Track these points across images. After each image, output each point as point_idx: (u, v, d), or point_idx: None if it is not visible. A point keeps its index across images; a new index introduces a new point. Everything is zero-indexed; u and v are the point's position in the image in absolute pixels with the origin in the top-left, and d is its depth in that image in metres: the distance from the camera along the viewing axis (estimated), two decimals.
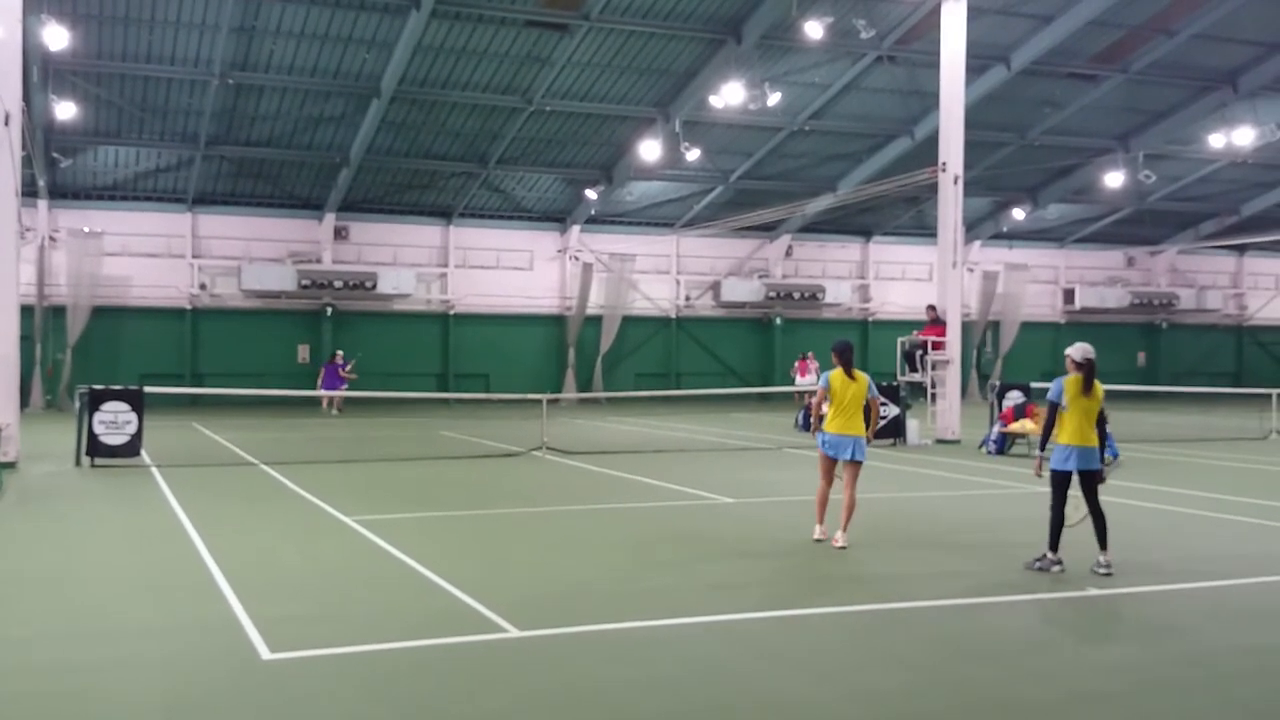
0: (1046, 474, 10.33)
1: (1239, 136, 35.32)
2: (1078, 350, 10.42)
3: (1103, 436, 10.37)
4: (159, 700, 6.50)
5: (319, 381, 33.51)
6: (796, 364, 35.20)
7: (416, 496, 15.16)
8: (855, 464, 11.42)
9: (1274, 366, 48.69)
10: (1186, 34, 31.80)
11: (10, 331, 18.41)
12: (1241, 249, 48.51)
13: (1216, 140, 35.88)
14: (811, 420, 12.04)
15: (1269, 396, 25.91)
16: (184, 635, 7.84)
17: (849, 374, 11.52)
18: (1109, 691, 6.77)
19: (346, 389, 32.30)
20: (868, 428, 11.68)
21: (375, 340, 36.33)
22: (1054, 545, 10.10)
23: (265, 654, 7.26)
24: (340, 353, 33.96)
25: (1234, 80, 34.63)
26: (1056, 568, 9.99)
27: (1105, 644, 7.71)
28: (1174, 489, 15.69)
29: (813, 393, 28.50)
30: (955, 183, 23.61)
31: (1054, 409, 10.36)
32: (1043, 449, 10.46)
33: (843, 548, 11.05)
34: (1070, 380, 10.34)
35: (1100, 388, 10.36)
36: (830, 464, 11.57)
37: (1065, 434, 10.23)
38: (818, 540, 11.40)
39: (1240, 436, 24.90)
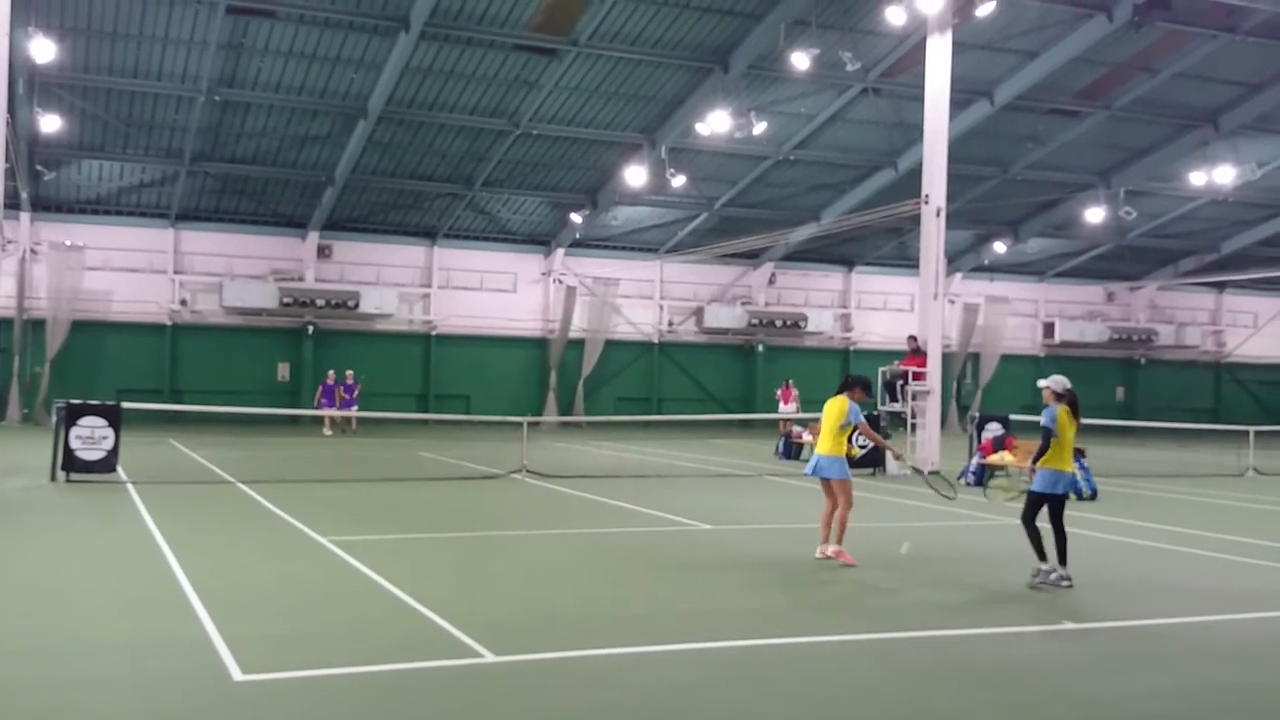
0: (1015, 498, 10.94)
1: (1219, 175, 35.70)
2: (1058, 382, 11.02)
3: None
4: (129, 719, 6.43)
5: (323, 401, 32.94)
6: (780, 391, 35.23)
7: (394, 518, 15.08)
8: (826, 482, 12.04)
9: (1252, 403, 49.04)
10: (1168, 73, 32.17)
11: None
12: (1220, 286, 48.95)
13: (1197, 178, 36.26)
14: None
15: (1246, 433, 26.06)
16: (156, 654, 7.75)
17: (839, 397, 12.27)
18: None
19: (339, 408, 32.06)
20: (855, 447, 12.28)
21: (356, 360, 36.17)
22: (1054, 558, 10.67)
23: (237, 675, 7.19)
24: (350, 372, 33.56)
25: (1215, 119, 35.01)
26: (1065, 583, 10.55)
27: (1079, 678, 7.70)
28: (1151, 524, 15.74)
29: (794, 421, 28.64)
30: (938, 215, 23.71)
31: (1049, 436, 10.80)
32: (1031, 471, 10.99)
33: (820, 557, 11.82)
34: (1062, 410, 10.86)
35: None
36: (824, 483, 12.14)
37: (1058, 460, 10.76)
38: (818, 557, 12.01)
39: (1218, 473, 25.01)
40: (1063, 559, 10.66)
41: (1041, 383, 11.31)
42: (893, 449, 13.81)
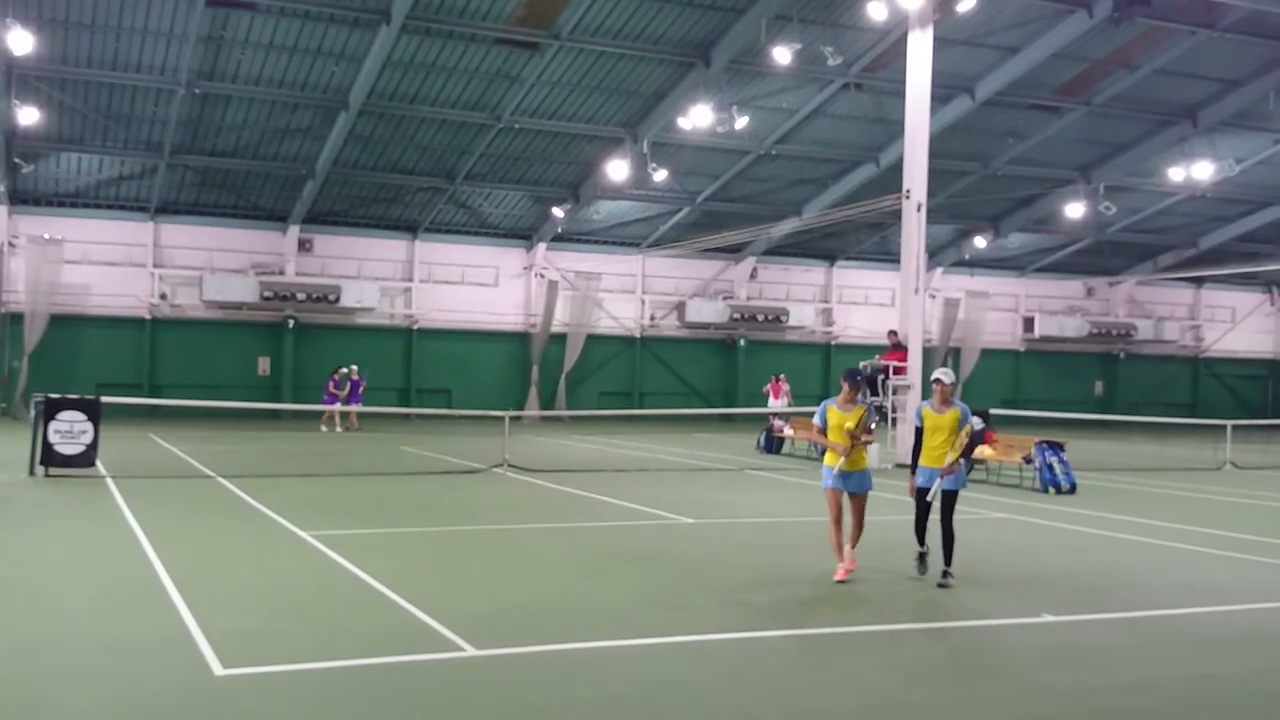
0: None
1: (1198, 170, 35.89)
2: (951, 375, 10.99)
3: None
4: (109, 714, 6.42)
5: (330, 395, 31.65)
6: (769, 385, 35.17)
7: (375, 512, 15.06)
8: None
9: (1229, 398, 49.38)
10: (1148, 69, 32.33)
11: None
12: (1199, 281, 49.24)
13: (1176, 174, 36.45)
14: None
15: (1224, 428, 26.25)
16: (136, 649, 7.75)
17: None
18: (1060, 717, 6.82)
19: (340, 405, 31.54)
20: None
21: (337, 354, 36.01)
22: (920, 553, 10.92)
23: (218, 669, 7.19)
24: (355, 367, 32.96)
25: (1194, 115, 35.20)
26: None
27: (1057, 670, 7.76)
28: (1129, 518, 15.84)
29: (778, 415, 28.62)
30: (919, 210, 23.80)
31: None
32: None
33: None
34: None
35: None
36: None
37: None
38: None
39: (1195, 467, 25.19)
40: (949, 557, 10.54)
41: (948, 376, 10.70)
42: (834, 448, 10.71)
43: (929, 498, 10.61)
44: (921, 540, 10.83)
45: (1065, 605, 9.72)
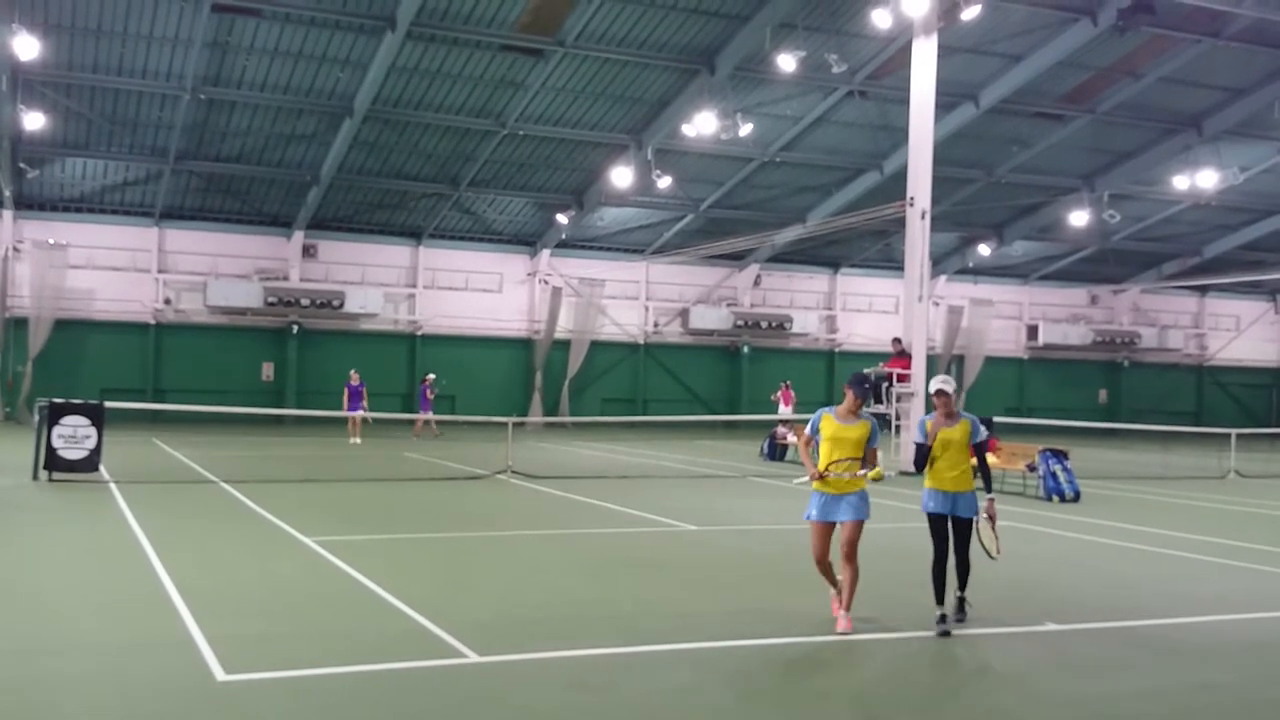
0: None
1: (1202, 179, 35.89)
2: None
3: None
4: (110, 719, 6.41)
5: (426, 401, 31.83)
6: (779, 393, 35.12)
7: (378, 518, 15.05)
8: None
9: (1234, 406, 49.31)
10: (1153, 77, 32.34)
11: None
12: (1203, 290, 49.21)
13: (1180, 182, 36.46)
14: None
15: (1228, 436, 26.19)
16: (138, 654, 7.73)
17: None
18: None
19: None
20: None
21: (341, 359, 36.04)
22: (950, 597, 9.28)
23: (220, 675, 7.17)
24: (431, 376, 32.91)
25: (1198, 124, 35.19)
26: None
27: (1061, 679, 7.74)
28: (1133, 526, 15.81)
29: (787, 421, 28.50)
30: (923, 217, 23.78)
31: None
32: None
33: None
34: None
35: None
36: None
37: None
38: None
39: (1199, 475, 25.13)
40: (964, 583, 9.31)
41: (949, 385, 9.38)
42: (812, 472, 8.92)
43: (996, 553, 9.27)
44: (940, 597, 9.00)
45: (1069, 614, 9.69)
